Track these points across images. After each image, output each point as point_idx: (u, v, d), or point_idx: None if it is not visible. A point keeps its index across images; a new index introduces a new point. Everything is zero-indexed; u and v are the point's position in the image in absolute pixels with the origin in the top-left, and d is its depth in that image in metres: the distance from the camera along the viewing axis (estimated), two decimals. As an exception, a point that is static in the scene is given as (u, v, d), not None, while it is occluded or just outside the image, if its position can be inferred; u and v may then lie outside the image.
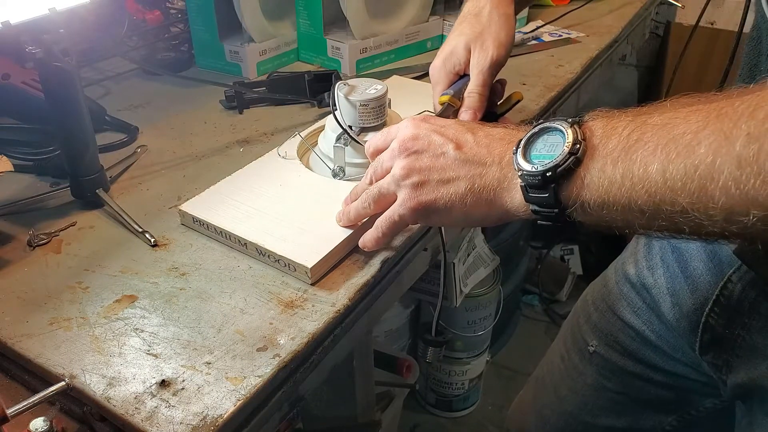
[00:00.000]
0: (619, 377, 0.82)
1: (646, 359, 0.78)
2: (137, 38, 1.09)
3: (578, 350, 0.87)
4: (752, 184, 0.34)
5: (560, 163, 0.43)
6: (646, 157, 0.39)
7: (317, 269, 0.57)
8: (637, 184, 0.39)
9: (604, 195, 0.41)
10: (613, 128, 0.42)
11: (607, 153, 0.41)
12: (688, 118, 0.38)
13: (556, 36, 1.17)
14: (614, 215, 0.41)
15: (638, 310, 0.77)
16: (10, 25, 0.56)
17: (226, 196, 0.66)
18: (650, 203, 0.39)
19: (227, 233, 0.61)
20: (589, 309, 0.86)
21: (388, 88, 0.69)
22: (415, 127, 0.54)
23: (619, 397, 0.83)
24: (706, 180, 0.35)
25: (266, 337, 0.52)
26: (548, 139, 0.45)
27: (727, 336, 0.64)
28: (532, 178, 0.44)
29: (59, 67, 0.61)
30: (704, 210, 0.36)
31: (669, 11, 1.88)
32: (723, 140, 0.35)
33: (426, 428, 1.66)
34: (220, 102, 0.92)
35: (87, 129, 0.66)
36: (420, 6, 1.09)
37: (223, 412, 0.46)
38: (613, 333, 0.81)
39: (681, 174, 0.37)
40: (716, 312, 0.65)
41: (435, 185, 0.51)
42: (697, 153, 0.36)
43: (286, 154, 0.73)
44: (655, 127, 0.39)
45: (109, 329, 0.53)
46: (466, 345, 1.54)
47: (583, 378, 0.86)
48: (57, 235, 0.65)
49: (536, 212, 0.46)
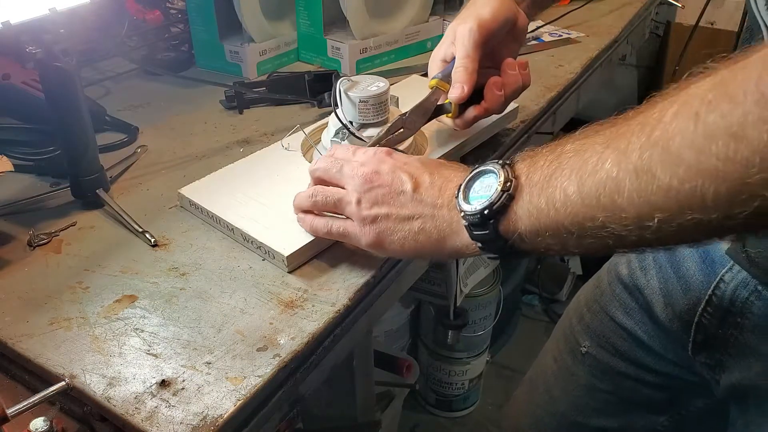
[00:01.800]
0: (611, 378, 0.82)
1: (637, 360, 0.78)
2: (137, 38, 1.09)
3: (570, 351, 0.87)
4: (650, 190, 0.38)
5: (495, 201, 0.46)
6: (563, 183, 0.43)
7: (294, 258, 0.59)
8: (561, 208, 0.43)
9: (535, 223, 0.45)
10: (535, 163, 0.46)
11: (532, 185, 0.46)
12: (594, 142, 0.42)
13: (556, 36, 1.17)
14: (549, 240, 0.45)
15: (630, 311, 0.78)
16: (11, 25, 0.56)
17: (225, 184, 0.68)
18: (575, 223, 0.42)
19: (217, 218, 0.63)
20: (581, 310, 0.87)
21: (390, 86, 0.69)
22: (379, 162, 0.56)
23: (611, 398, 0.84)
24: (614, 194, 0.40)
25: (266, 337, 0.52)
26: (484, 181, 0.49)
27: (720, 336, 0.65)
28: (472, 218, 0.48)
29: (59, 67, 0.61)
30: (619, 221, 0.40)
31: (669, 11, 1.89)
32: (622, 156, 0.39)
33: (426, 428, 1.66)
34: (220, 102, 0.93)
35: (87, 129, 0.66)
36: (420, 6, 1.09)
37: (223, 412, 0.46)
38: (605, 334, 0.81)
39: (593, 191, 0.41)
40: (709, 312, 0.65)
41: (393, 221, 0.54)
42: (603, 170, 0.40)
43: (289, 145, 0.74)
44: (569, 155, 0.44)
45: (109, 329, 0.53)
46: (466, 345, 1.54)
47: (575, 379, 0.87)
48: (57, 235, 0.65)
49: (482, 248, 0.49)
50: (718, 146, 0.34)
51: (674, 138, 0.36)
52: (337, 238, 0.58)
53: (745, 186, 0.34)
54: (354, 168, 0.56)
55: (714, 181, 0.35)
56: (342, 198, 0.57)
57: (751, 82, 0.34)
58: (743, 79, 0.34)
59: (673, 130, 0.37)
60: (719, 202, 0.35)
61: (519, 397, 1.01)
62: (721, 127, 0.34)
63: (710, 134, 0.35)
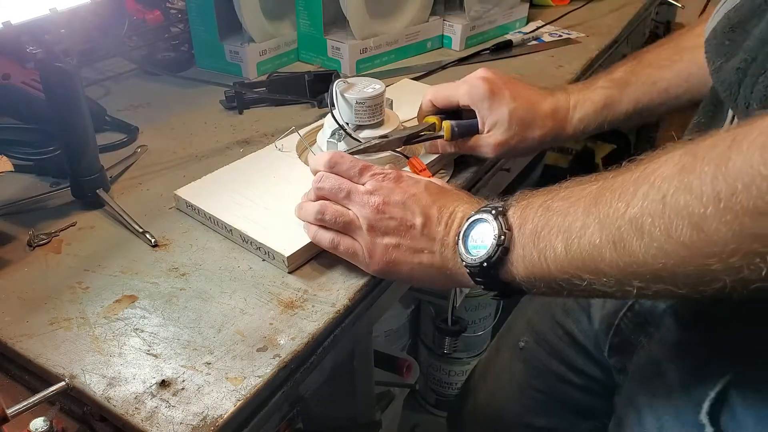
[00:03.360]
0: (544, 377, 0.84)
1: (569, 360, 0.80)
2: (137, 38, 1.09)
3: (510, 345, 0.90)
4: (627, 262, 0.40)
5: (492, 255, 0.48)
6: (552, 241, 0.45)
7: (294, 258, 0.59)
8: (551, 264, 0.45)
9: (530, 274, 0.47)
10: (525, 216, 0.48)
11: (524, 237, 0.47)
12: (578, 206, 0.44)
13: (556, 36, 1.17)
14: (544, 289, 0.47)
15: (569, 310, 0.80)
16: (11, 25, 0.56)
17: (221, 185, 0.68)
18: (564, 278, 0.45)
19: (216, 219, 0.63)
20: (526, 305, 0.90)
21: (385, 88, 0.69)
22: (389, 192, 0.55)
23: (542, 397, 0.86)
24: (597, 260, 0.42)
25: (266, 338, 0.52)
26: (479, 229, 0.50)
27: (632, 341, 0.67)
28: (473, 269, 0.50)
29: (60, 68, 0.61)
30: (603, 284, 0.42)
31: (669, 11, 1.88)
32: (602, 226, 0.42)
33: (426, 428, 1.65)
34: (220, 102, 0.92)
35: (87, 129, 0.66)
36: (420, 6, 1.09)
37: (223, 412, 0.46)
38: (543, 331, 0.84)
39: (578, 255, 0.43)
40: (628, 317, 0.68)
41: (403, 252, 0.54)
42: (586, 237, 0.42)
43: (283, 146, 0.74)
44: (556, 213, 0.45)
45: (109, 329, 0.53)
46: (466, 345, 1.54)
47: (510, 373, 0.89)
48: (57, 235, 0.65)
49: (485, 289, 0.51)
50: (683, 233, 0.37)
51: (646, 219, 0.39)
52: (343, 256, 0.58)
53: (708, 271, 0.36)
54: (362, 197, 0.56)
55: (681, 262, 0.37)
56: (352, 221, 0.56)
57: (707, 177, 0.36)
58: (700, 173, 0.36)
59: (645, 209, 0.39)
60: (687, 281, 0.38)
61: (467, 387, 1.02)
62: (684, 215, 0.37)
63: (675, 221, 0.37)
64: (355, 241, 0.57)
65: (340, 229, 0.57)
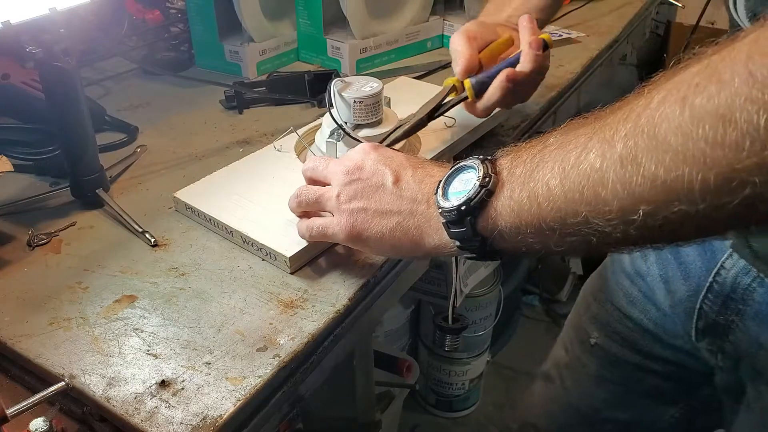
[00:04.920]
0: (620, 368, 0.83)
1: (644, 349, 0.79)
2: (137, 38, 1.09)
3: (580, 342, 0.88)
4: (635, 181, 0.36)
5: (473, 197, 0.45)
6: (545, 176, 0.42)
7: (296, 259, 0.59)
8: (543, 203, 0.42)
9: (516, 219, 0.44)
10: (518, 158, 0.45)
11: (513, 180, 0.44)
12: (579, 134, 0.41)
13: (556, 36, 1.17)
14: (530, 238, 0.44)
15: (634, 299, 0.78)
16: (11, 24, 0.56)
17: (219, 186, 0.68)
18: (557, 219, 0.41)
19: (215, 221, 0.63)
20: (588, 301, 0.88)
21: (383, 86, 0.69)
22: (363, 155, 0.55)
23: (620, 389, 0.84)
24: (597, 186, 0.38)
25: (266, 338, 0.52)
26: (463, 177, 0.48)
27: (721, 322, 0.65)
28: (449, 214, 0.46)
29: (59, 67, 0.61)
30: (602, 216, 0.39)
31: (669, 11, 1.88)
32: (606, 146, 0.38)
33: (426, 428, 1.65)
34: (220, 102, 0.92)
35: (87, 129, 0.66)
36: (420, 6, 1.08)
37: (223, 412, 0.46)
38: (611, 324, 0.82)
39: (576, 184, 0.40)
40: (710, 299, 0.66)
41: (371, 215, 0.52)
42: (587, 161, 0.39)
43: (281, 147, 0.74)
44: (551, 148, 0.43)
45: (109, 329, 0.53)
46: (466, 345, 1.54)
47: (585, 370, 0.88)
48: (57, 235, 0.65)
49: (460, 247, 0.48)
50: (706, 130, 0.33)
51: (661, 124, 0.36)
52: (319, 238, 0.57)
53: (735, 172, 0.33)
54: (339, 163, 0.56)
55: (701, 167, 0.34)
56: (323, 194, 0.56)
57: (740, 62, 0.33)
58: (732, 60, 0.33)
59: (659, 115, 0.36)
60: (707, 191, 0.34)
61: (534, 391, 1.02)
62: (709, 110, 0.33)
63: (698, 118, 0.34)
64: (326, 217, 0.56)
65: (315, 207, 0.57)
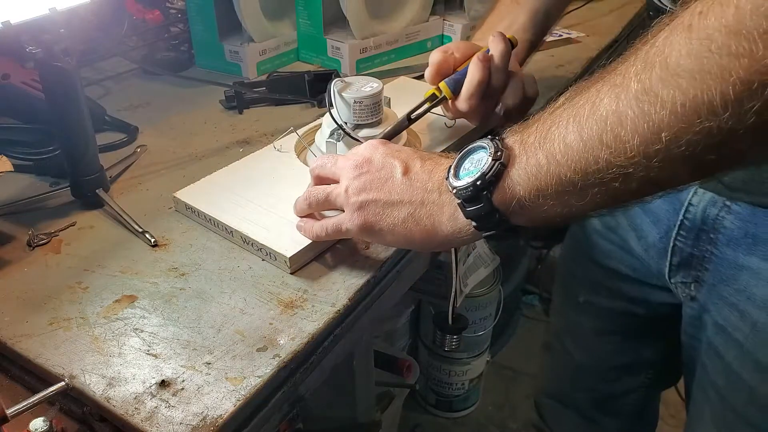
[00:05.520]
0: (610, 318, 0.89)
1: (628, 294, 0.84)
2: (137, 38, 1.09)
3: (571, 305, 0.94)
4: (654, 111, 0.37)
5: (487, 171, 0.45)
6: (561, 133, 0.42)
7: (296, 259, 0.58)
8: (561, 159, 0.42)
9: (535, 183, 0.44)
10: (527, 129, 0.46)
11: (527, 146, 0.45)
12: (587, 88, 0.42)
13: (556, 36, 1.17)
14: (550, 201, 0.44)
15: (609, 252, 0.83)
16: (11, 24, 0.56)
17: (219, 186, 0.68)
18: (578, 171, 0.41)
19: (216, 221, 0.63)
20: (569, 266, 0.94)
21: (383, 86, 0.69)
22: (372, 150, 0.55)
23: (615, 338, 0.90)
24: (617, 127, 0.39)
25: (266, 338, 0.52)
26: (474, 158, 0.48)
27: (697, 254, 0.69)
28: (465, 192, 0.47)
29: (59, 67, 0.61)
30: (624, 155, 0.39)
31: (669, 11, 1.88)
32: (619, 89, 0.39)
33: (426, 428, 1.65)
34: (220, 102, 0.92)
35: (87, 129, 0.66)
36: (420, 6, 1.08)
37: (223, 412, 0.46)
38: (595, 279, 0.87)
39: (594, 131, 0.40)
40: (683, 235, 0.69)
41: (382, 206, 0.52)
42: (602, 107, 0.39)
43: (281, 147, 0.74)
44: (561, 110, 0.43)
45: (109, 329, 0.53)
46: (466, 345, 1.54)
47: (581, 329, 0.94)
48: (57, 235, 0.65)
49: (478, 227, 0.48)
50: (718, 44, 0.34)
51: (671, 54, 0.36)
52: (334, 236, 0.57)
53: (753, 75, 0.33)
54: (347, 158, 0.56)
55: (719, 81, 0.34)
56: (332, 191, 0.56)
57: None
58: None
59: (668, 46, 0.36)
60: (728, 101, 0.34)
61: (544, 365, 1.08)
62: (717, 27, 0.34)
63: (707, 37, 0.35)
64: (338, 215, 0.56)
65: (326, 205, 0.57)
